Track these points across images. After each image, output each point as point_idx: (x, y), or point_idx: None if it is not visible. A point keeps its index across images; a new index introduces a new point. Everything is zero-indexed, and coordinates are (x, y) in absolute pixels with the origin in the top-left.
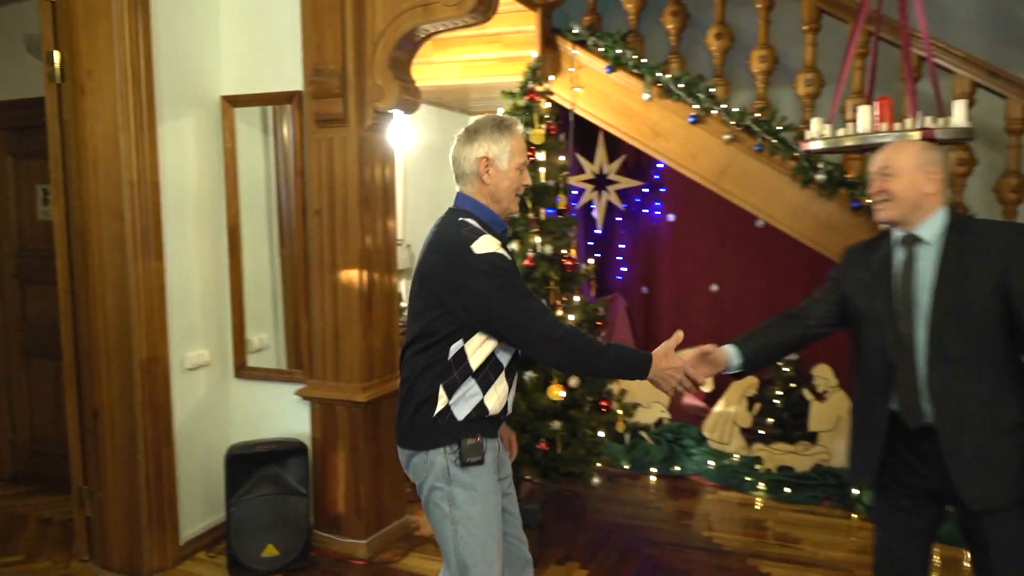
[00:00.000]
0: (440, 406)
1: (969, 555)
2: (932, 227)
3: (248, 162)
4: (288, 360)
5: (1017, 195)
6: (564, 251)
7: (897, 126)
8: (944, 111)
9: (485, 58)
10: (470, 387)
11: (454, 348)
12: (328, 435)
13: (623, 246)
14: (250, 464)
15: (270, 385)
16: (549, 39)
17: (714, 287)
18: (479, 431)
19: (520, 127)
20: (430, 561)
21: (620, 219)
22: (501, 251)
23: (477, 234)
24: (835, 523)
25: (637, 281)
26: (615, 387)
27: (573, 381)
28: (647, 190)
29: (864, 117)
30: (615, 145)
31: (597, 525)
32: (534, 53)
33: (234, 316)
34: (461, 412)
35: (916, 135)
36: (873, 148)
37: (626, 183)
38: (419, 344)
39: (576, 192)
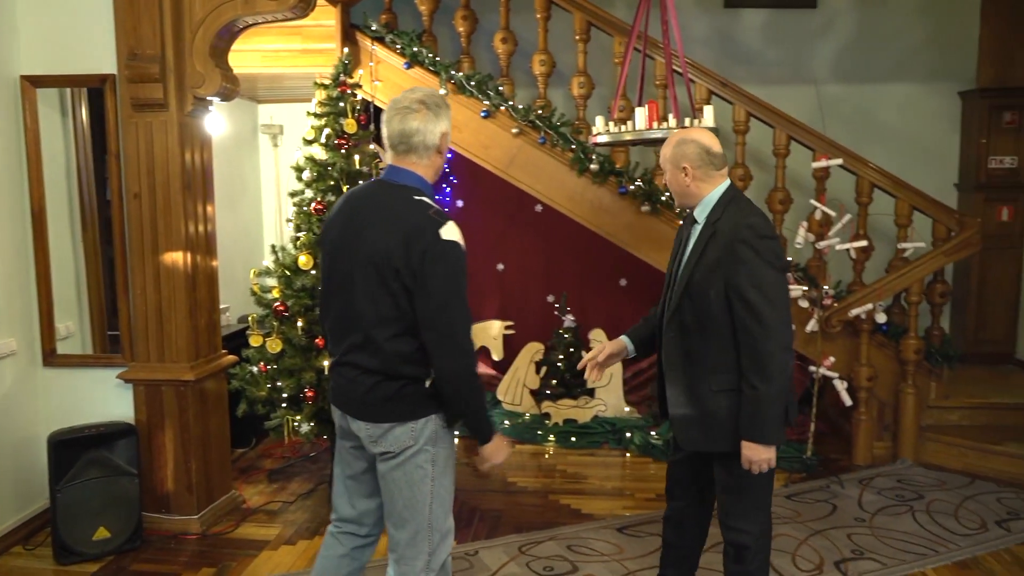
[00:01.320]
0: (430, 380)
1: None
2: (703, 209)
3: (50, 145)
4: (97, 346)
5: (744, 183)
6: None
7: (664, 125)
8: (696, 113)
9: (285, 49)
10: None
11: None
12: (155, 416)
13: None
14: (76, 448)
15: (85, 371)
16: (348, 34)
17: (500, 266)
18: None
19: None
20: (264, 528)
21: None
22: (463, 242)
23: (444, 218)
24: (614, 461)
25: None
26: None
27: None
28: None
29: (641, 117)
30: None
31: None
32: (333, 46)
33: (41, 303)
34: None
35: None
36: (647, 142)
37: None
38: (391, 329)
39: None
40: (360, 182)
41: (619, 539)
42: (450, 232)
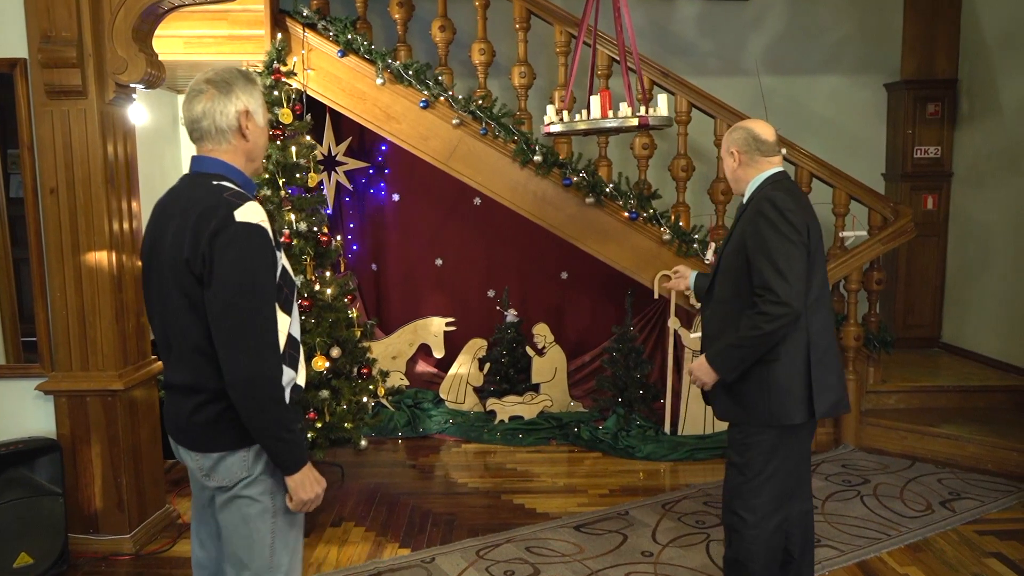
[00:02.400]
0: None
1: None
2: (748, 192)
3: None
4: (11, 354)
5: (686, 173)
6: (316, 228)
7: (621, 114)
8: (649, 104)
9: (211, 35)
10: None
11: None
12: (80, 429)
13: (352, 225)
14: None
15: None
16: (278, 20)
17: (439, 261)
18: (300, 415)
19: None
20: None
21: (348, 199)
22: (267, 225)
23: (243, 199)
24: (562, 457)
25: (367, 259)
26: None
27: (335, 352)
28: (372, 171)
29: (596, 106)
30: (341, 127)
31: (360, 488)
32: (262, 32)
33: None
34: (284, 394)
35: (635, 121)
36: (601, 131)
37: (353, 164)
38: (197, 336)
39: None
40: (297, 175)
41: (578, 538)
42: (248, 213)
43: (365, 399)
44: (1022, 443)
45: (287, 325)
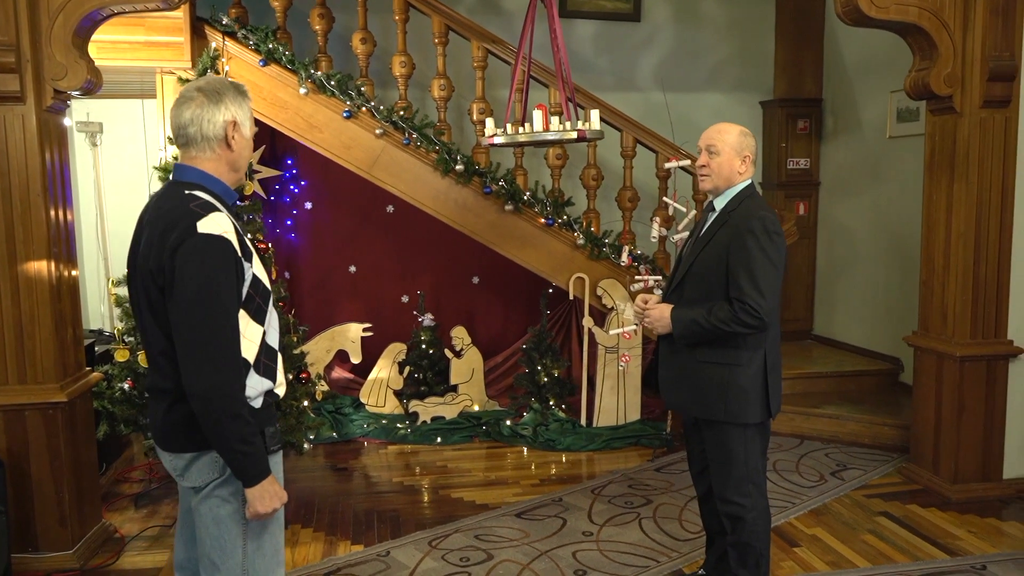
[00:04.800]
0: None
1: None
2: (723, 199)
3: None
4: None
5: (596, 182)
6: (252, 236)
7: (561, 128)
8: (578, 118)
9: (127, 40)
10: (254, 381)
11: None
12: (18, 444)
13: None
14: None
15: None
16: (197, 27)
17: (353, 268)
18: (274, 417)
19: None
20: (150, 555)
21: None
22: (231, 237)
23: (208, 209)
24: (488, 453)
25: (280, 267)
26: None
27: None
28: (287, 178)
29: (539, 119)
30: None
31: (296, 492)
32: (180, 40)
33: None
34: (256, 403)
35: (573, 134)
36: (541, 143)
37: (267, 173)
38: (166, 341)
39: None
40: None
41: (521, 524)
42: (210, 225)
43: (305, 403)
44: (892, 419)
45: (259, 335)
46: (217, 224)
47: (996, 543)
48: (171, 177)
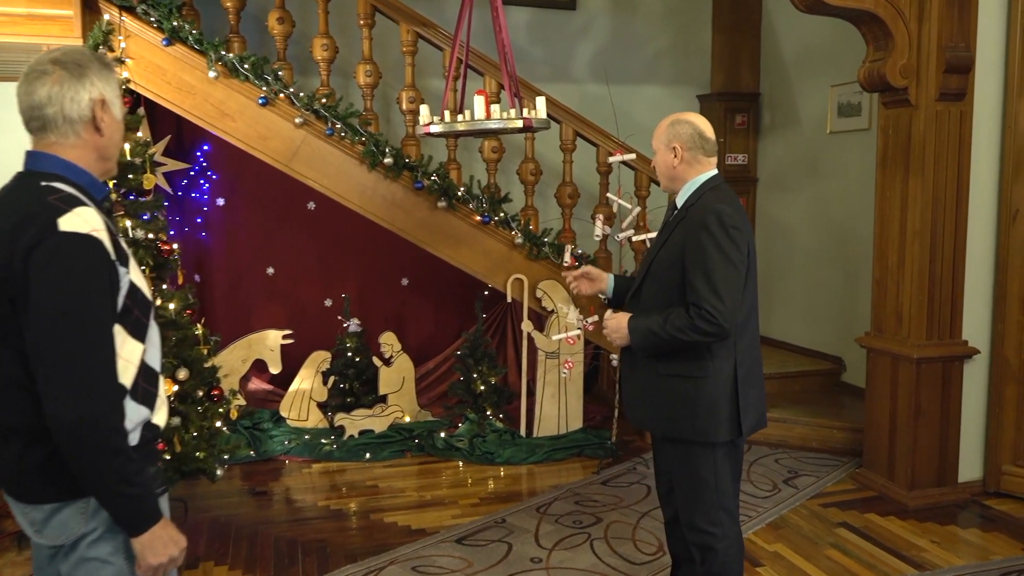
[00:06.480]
0: None
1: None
2: (684, 194)
3: None
4: None
5: (534, 177)
6: (153, 235)
7: (505, 115)
8: (522, 107)
9: (5, 12)
10: (130, 410)
11: None
12: None
13: (172, 232)
14: None
15: None
16: (89, 1)
17: (270, 270)
18: (156, 455)
19: None
20: None
21: (167, 203)
22: (102, 236)
23: (71, 204)
24: (422, 469)
25: (190, 269)
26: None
27: (182, 374)
28: (194, 172)
29: (480, 106)
30: (156, 124)
31: (209, 522)
32: (70, 13)
33: None
34: (132, 437)
35: (519, 123)
36: (481, 133)
37: (173, 166)
38: (15, 368)
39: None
40: (129, 176)
41: (463, 551)
42: (75, 222)
43: (218, 423)
44: (839, 421)
45: (139, 353)
46: (84, 221)
47: (960, 553)
48: (23, 167)
